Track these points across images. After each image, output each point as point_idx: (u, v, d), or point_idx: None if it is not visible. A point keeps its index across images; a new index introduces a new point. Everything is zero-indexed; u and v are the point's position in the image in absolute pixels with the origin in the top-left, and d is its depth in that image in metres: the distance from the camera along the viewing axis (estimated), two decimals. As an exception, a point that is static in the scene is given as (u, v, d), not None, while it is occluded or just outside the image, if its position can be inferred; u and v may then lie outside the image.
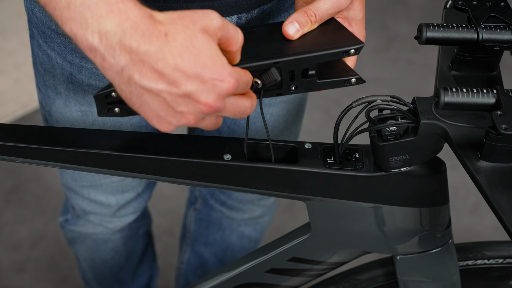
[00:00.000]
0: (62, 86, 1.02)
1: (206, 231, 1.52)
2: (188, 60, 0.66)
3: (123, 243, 1.40)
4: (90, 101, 1.03)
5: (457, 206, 2.03)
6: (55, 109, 1.07)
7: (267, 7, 0.97)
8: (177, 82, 0.66)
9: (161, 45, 0.65)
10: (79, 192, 1.24)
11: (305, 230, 0.97)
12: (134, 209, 1.30)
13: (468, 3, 0.85)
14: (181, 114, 0.68)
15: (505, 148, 0.76)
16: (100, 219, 1.30)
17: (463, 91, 0.77)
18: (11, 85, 2.29)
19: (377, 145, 0.84)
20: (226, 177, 0.87)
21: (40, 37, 0.99)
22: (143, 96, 0.67)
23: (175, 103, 0.67)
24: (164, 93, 0.66)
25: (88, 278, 1.51)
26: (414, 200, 0.89)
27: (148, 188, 1.29)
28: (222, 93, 0.68)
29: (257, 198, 1.39)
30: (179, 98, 0.67)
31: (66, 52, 0.97)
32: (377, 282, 1.05)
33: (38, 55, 1.03)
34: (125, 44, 0.64)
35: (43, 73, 1.04)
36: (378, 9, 2.61)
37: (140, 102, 0.68)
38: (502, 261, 1.04)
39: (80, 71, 0.98)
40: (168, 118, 0.69)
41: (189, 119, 0.69)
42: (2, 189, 2.04)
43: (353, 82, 0.83)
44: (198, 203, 1.51)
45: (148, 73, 0.65)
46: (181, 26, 0.66)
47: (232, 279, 1.03)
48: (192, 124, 0.70)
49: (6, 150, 0.85)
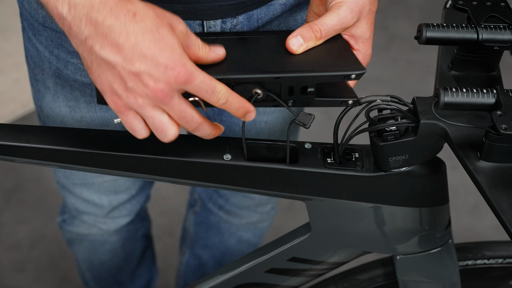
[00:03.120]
0: (50, 80, 1.02)
1: (205, 234, 1.52)
2: (149, 41, 0.69)
3: (121, 245, 1.40)
4: (77, 97, 1.03)
5: (457, 206, 2.03)
6: (46, 104, 1.07)
7: (253, 13, 0.94)
8: (133, 59, 0.70)
9: (126, 22, 0.69)
10: (72, 190, 1.23)
11: (305, 230, 0.97)
12: (128, 211, 1.30)
13: (468, 3, 0.85)
14: (131, 92, 0.71)
15: (505, 148, 0.76)
16: (93, 220, 1.30)
17: (463, 91, 0.77)
18: (11, 85, 2.29)
19: (377, 145, 0.84)
20: (226, 177, 0.87)
21: (30, 30, 0.99)
22: (101, 67, 0.71)
23: (128, 78, 0.71)
24: (119, 66, 0.70)
25: (87, 279, 1.51)
26: (414, 200, 0.89)
27: (142, 191, 1.29)
28: (170, 81, 0.71)
29: (254, 205, 1.39)
30: (131, 75, 0.70)
31: (53, 46, 0.97)
32: (377, 282, 1.05)
33: (29, 49, 1.03)
34: (91, 17, 0.69)
35: (33, 67, 1.04)
36: (378, 9, 2.60)
37: (98, 72, 0.71)
38: (502, 261, 1.04)
39: (66, 66, 0.98)
40: (119, 91, 0.72)
41: (138, 100, 0.72)
42: (2, 189, 2.04)
43: (350, 103, 0.83)
44: (197, 206, 1.51)
45: (109, 46, 0.69)
46: (152, 12, 0.70)
47: (232, 279, 1.03)
48: (140, 108, 0.72)
49: (6, 150, 0.85)
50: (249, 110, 0.78)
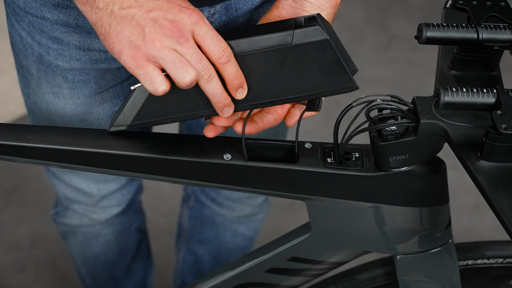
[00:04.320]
0: (34, 67, 1.03)
1: (200, 229, 1.52)
2: None
3: (114, 238, 1.40)
4: (59, 83, 1.03)
5: (457, 206, 2.03)
6: (31, 91, 1.08)
7: (231, 2, 0.95)
8: (149, 7, 0.76)
9: None
10: (61, 178, 1.24)
11: (305, 229, 0.97)
12: (118, 201, 1.30)
13: (468, 3, 0.85)
14: (148, 38, 0.76)
15: (505, 148, 0.76)
16: (84, 209, 1.30)
17: (463, 90, 0.77)
18: (11, 85, 2.29)
19: (377, 145, 0.84)
20: (226, 177, 0.87)
21: (12, 16, 1.00)
22: (120, 24, 0.76)
23: (146, 24, 0.76)
24: (137, 15, 0.76)
25: (82, 275, 1.52)
26: (414, 199, 0.89)
27: (133, 181, 1.29)
28: (184, 20, 0.76)
29: (245, 197, 1.39)
30: (149, 21, 0.76)
31: (35, 32, 0.97)
32: (377, 282, 1.05)
33: (12, 35, 1.03)
34: None
35: (18, 54, 1.05)
36: (378, 9, 2.61)
37: (117, 31, 0.77)
38: (502, 261, 1.04)
39: (48, 51, 0.98)
40: (138, 41, 0.76)
41: (156, 44, 0.76)
42: (2, 189, 2.04)
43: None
44: (191, 200, 1.51)
45: (127, 2, 0.77)
46: None
47: (232, 279, 1.03)
48: (159, 51, 0.76)
49: (6, 150, 0.85)
50: (243, 86, 0.80)
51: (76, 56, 0.98)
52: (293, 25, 0.81)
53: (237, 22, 0.97)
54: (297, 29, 0.80)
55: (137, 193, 1.36)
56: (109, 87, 1.05)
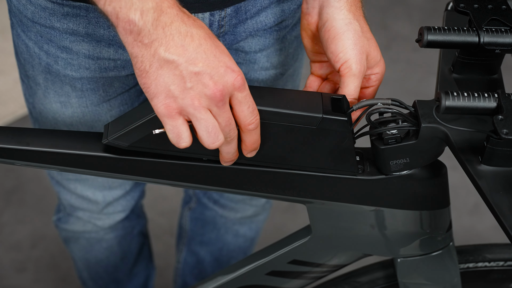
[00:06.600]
0: (41, 76, 1.02)
1: (202, 230, 1.52)
2: (211, 45, 0.74)
3: (117, 242, 1.40)
4: (67, 92, 1.03)
5: (457, 206, 2.03)
6: (37, 101, 1.07)
7: (241, 5, 0.95)
8: (196, 59, 0.73)
9: (191, 25, 0.74)
10: (66, 186, 1.23)
11: (305, 232, 0.97)
12: (123, 207, 1.30)
13: (469, 6, 0.85)
14: (189, 93, 0.74)
15: (506, 152, 0.76)
16: (88, 216, 1.30)
17: (464, 95, 0.76)
18: (11, 85, 2.29)
19: (378, 149, 0.83)
20: (227, 180, 0.87)
21: (18, 26, 0.99)
22: (162, 68, 0.74)
23: (188, 78, 0.73)
24: (182, 66, 0.73)
25: (84, 278, 1.51)
26: (415, 203, 0.89)
27: (137, 187, 1.29)
28: (228, 84, 0.74)
29: (248, 198, 1.39)
30: (192, 75, 0.73)
31: (42, 42, 0.97)
32: (377, 285, 1.05)
33: (18, 45, 1.02)
34: (161, 20, 0.73)
35: (23, 64, 1.04)
36: (378, 9, 2.61)
37: (156, 74, 0.74)
38: (503, 264, 1.03)
39: (56, 61, 0.98)
40: (176, 92, 0.74)
41: (194, 101, 0.74)
42: (2, 189, 2.04)
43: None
44: (193, 202, 1.51)
45: (174, 47, 0.73)
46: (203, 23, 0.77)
47: (233, 281, 1.03)
48: (195, 110, 0.74)
49: (6, 153, 0.85)
50: (255, 151, 0.81)
51: (85, 65, 0.98)
52: (320, 104, 0.82)
53: (246, 23, 0.98)
54: (325, 115, 0.81)
55: (140, 198, 1.36)
56: (117, 94, 1.04)
